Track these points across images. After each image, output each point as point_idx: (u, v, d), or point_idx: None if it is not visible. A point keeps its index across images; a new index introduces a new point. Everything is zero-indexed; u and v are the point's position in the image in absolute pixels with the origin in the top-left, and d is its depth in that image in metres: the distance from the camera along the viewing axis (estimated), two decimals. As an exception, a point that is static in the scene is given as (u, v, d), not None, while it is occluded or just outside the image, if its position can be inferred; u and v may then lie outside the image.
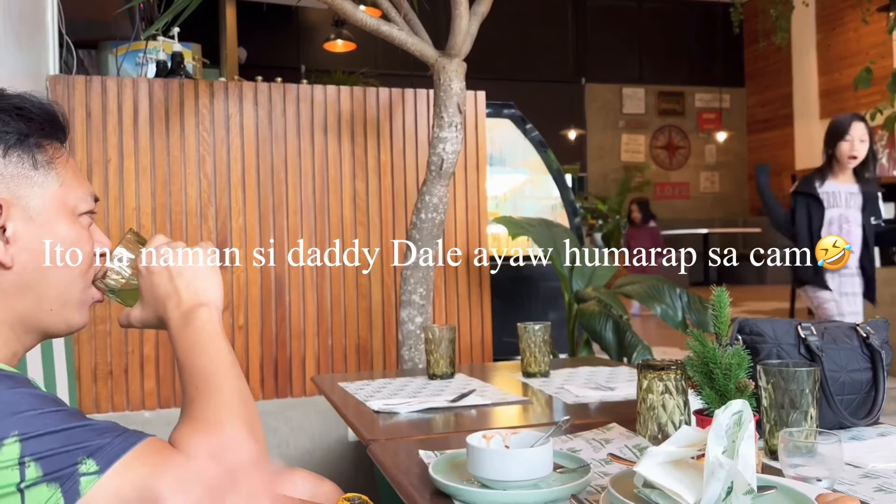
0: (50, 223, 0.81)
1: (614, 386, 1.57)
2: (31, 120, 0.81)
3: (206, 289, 0.85)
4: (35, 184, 0.81)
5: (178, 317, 0.83)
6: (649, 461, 0.78)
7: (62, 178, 0.83)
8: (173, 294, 0.85)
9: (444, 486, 0.91)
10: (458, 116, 2.44)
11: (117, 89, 2.66)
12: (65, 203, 0.83)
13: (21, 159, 0.80)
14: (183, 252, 0.87)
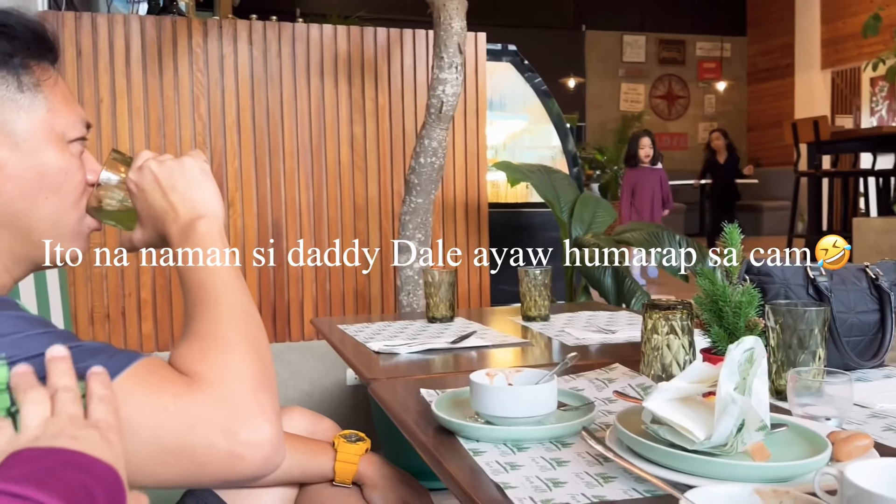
0: (37, 150, 0.76)
1: (615, 329, 1.56)
2: (15, 38, 0.76)
3: (203, 199, 0.81)
4: (21, 108, 0.76)
5: (178, 232, 0.80)
6: (658, 396, 0.77)
7: (50, 102, 0.78)
8: (169, 209, 0.81)
9: (447, 422, 0.90)
10: (458, 57, 2.38)
11: (108, 26, 2.58)
12: (53, 129, 0.78)
13: (5, 81, 0.75)
14: (172, 164, 0.82)
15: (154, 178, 0.82)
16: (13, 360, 0.63)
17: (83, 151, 0.83)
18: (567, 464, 0.80)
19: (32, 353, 0.64)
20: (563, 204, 2.82)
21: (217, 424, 0.65)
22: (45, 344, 0.64)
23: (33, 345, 0.64)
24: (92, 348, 0.67)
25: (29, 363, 0.63)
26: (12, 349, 0.63)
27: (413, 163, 2.46)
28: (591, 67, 10.16)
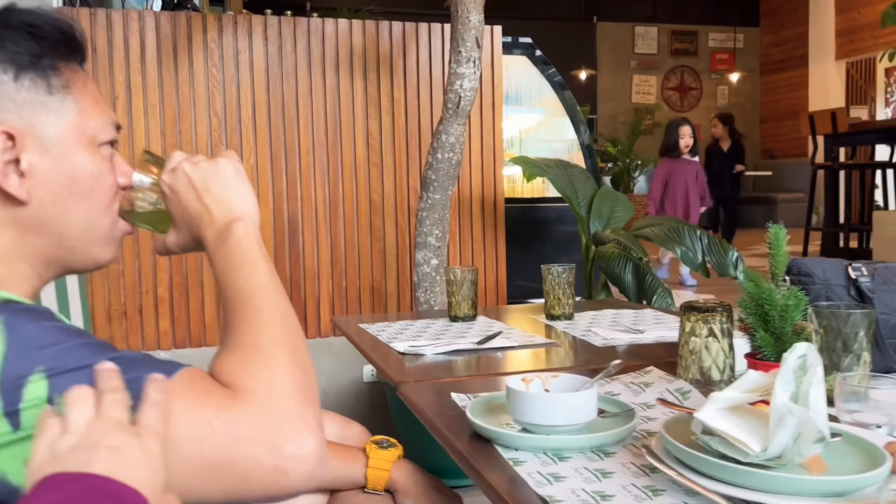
0: (67, 154, 0.74)
1: (643, 328, 1.54)
2: (44, 39, 0.74)
3: (238, 201, 0.79)
4: (50, 111, 0.73)
5: (213, 235, 0.78)
6: (710, 407, 0.74)
7: (80, 104, 0.76)
8: (204, 212, 0.79)
9: (484, 430, 0.88)
10: (476, 51, 2.35)
11: (123, 22, 2.57)
12: (83, 132, 0.76)
13: (34, 83, 0.73)
14: (206, 166, 0.80)
15: (188, 180, 0.79)
16: (53, 374, 0.61)
17: (114, 154, 0.80)
18: (612, 475, 0.78)
19: (72, 366, 0.62)
20: (581, 199, 2.79)
21: (261, 439, 0.63)
22: (85, 355, 0.63)
23: (73, 356, 0.62)
24: (133, 358, 0.65)
25: (69, 375, 0.61)
26: (52, 361, 0.62)
27: (430, 159, 2.43)
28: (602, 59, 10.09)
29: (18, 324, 0.63)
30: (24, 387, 0.60)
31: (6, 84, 0.72)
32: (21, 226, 0.73)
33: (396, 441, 1.10)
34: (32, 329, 0.63)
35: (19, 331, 0.62)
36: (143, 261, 2.62)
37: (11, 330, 0.62)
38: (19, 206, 0.73)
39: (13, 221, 0.73)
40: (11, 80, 0.72)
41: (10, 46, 0.72)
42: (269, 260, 0.78)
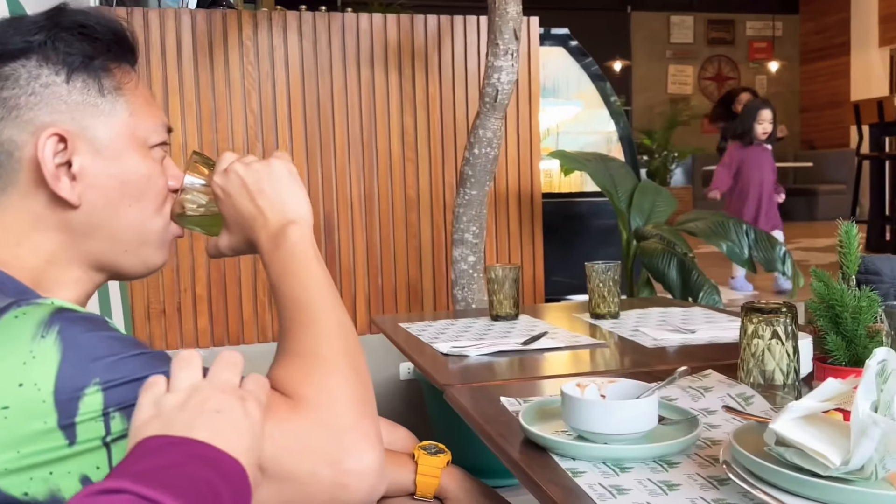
0: (119, 157, 0.73)
1: (694, 328, 1.48)
2: (96, 40, 0.72)
3: (292, 204, 0.77)
4: (102, 112, 0.72)
5: (267, 239, 0.76)
6: (785, 417, 0.70)
7: (132, 106, 0.74)
8: (258, 215, 0.77)
9: (540, 438, 0.84)
10: (514, 43, 2.30)
11: (159, 21, 2.57)
12: (135, 134, 0.74)
13: (86, 85, 0.71)
14: (259, 167, 0.78)
15: (241, 182, 0.78)
16: (107, 386, 0.59)
17: (165, 157, 0.79)
18: (678, 487, 0.73)
19: (128, 378, 0.60)
20: (621, 193, 2.73)
21: (322, 453, 0.62)
22: (140, 366, 0.61)
23: (128, 368, 0.61)
24: None
25: (124, 387, 0.59)
26: (107, 373, 0.60)
27: (467, 154, 2.40)
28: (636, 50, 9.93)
29: (73, 334, 0.61)
30: (80, 399, 0.59)
31: (58, 85, 0.70)
32: (72, 230, 0.72)
33: (444, 447, 1.07)
34: (87, 339, 0.61)
35: (74, 341, 0.60)
36: (181, 259, 2.63)
37: (66, 341, 0.60)
38: (71, 209, 0.71)
39: (64, 225, 0.72)
40: (63, 82, 0.70)
41: (63, 47, 0.70)
42: (323, 263, 0.76)
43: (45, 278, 0.71)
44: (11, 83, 0.69)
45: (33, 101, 0.69)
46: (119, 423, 0.60)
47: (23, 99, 0.69)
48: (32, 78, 0.69)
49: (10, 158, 0.69)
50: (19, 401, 0.58)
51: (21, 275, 0.70)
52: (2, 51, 0.69)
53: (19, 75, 0.69)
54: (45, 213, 0.71)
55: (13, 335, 0.60)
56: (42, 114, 0.69)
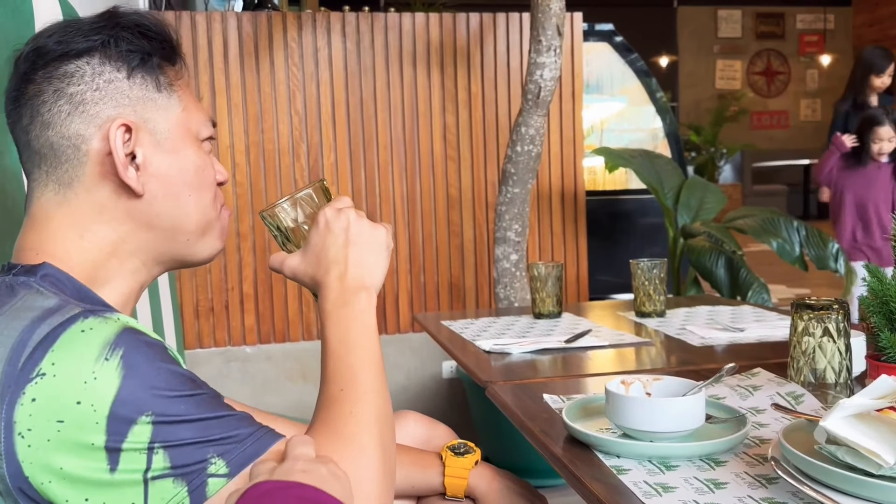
0: (177, 148, 0.76)
1: (742, 326, 1.45)
2: (152, 39, 0.76)
3: (373, 271, 0.80)
4: (160, 106, 0.76)
5: (338, 291, 0.78)
6: (837, 415, 0.68)
7: (184, 101, 0.78)
8: (341, 262, 0.79)
9: (584, 435, 0.83)
10: (556, 40, 2.28)
11: (206, 24, 2.62)
12: (188, 127, 0.78)
13: (145, 81, 0.75)
14: (366, 225, 0.81)
15: (346, 226, 0.80)
16: (158, 421, 0.61)
17: (211, 150, 0.82)
18: (726, 486, 0.72)
19: (179, 418, 0.62)
20: (668, 190, 2.68)
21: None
22: (194, 408, 0.63)
23: (182, 407, 0.63)
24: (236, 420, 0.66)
25: (173, 427, 0.62)
26: (161, 408, 0.62)
27: (509, 151, 2.39)
28: (683, 45, 9.77)
29: (135, 362, 0.63)
30: (130, 428, 0.61)
31: (120, 81, 0.74)
32: (135, 219, 0.75)
33: (474, 445, 1.07)
34: (147, 369, 0.63)
35: (135, 369, 0.62)
36: (228, 258, 2.68)
37: (128, 367, 0.62)
38: (135, 198, 0.74)
39: (128, 215, 0.74)
40: (125, 78, 0.74)
41: (124, 45, 0.74)
42: (378, 336, 0.78)
43: (104, 271, 0.74)
44: (77, 80, 0.72)
45: (98, 96, 0.73)
46: (161, 461, 0.61)
47: (88, 94, 0.72)
48: (97, 74, 0.73)
49: (78, 152, 0.73)
50: (75, 417, 0.60)
51: (82, 269, 0.72)
52: (67, 49, 0.73)
53: (84, 72, 0.73)
54: (109, 203, 0.74)
55: (79, 352, 0.61)
56: (107, 108, 0.73)
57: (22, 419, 0.60)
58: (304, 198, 0.83)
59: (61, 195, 0.73)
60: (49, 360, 0.61)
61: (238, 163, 2.67)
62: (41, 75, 0.73)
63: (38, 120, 0.73)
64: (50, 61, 0.73)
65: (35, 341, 0.62)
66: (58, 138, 0.72)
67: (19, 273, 0.70)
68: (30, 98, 0.73)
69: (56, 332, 0.62)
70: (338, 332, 0.76)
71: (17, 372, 0.60)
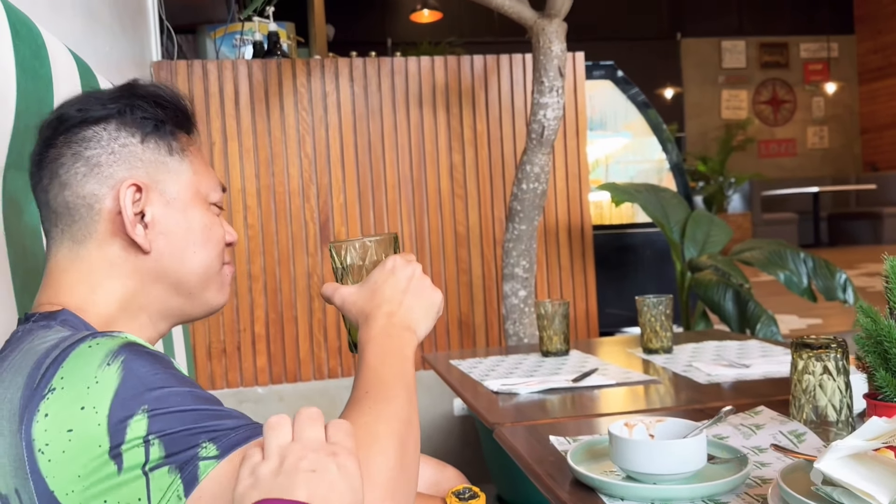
0: (185, 209, 0.81)
1: (749, 363, 1.46)
2: (166, 108, 0.82)
3: (421, 323, 0.84)
4: (171, 170, 0.81)
5: (384, 324, 0.82)
6: (831, 456, 0.69)
7: (195, 166, 0.83)
8: (395, 303, 0.83)
9: (588, 478, 0.85)
10: (559, 80, 2.33)
11: (217, 72, 2.69)
12: (198, 190, 0.83)
13: (158, 146, 0.80)
14: (427, 281, 0.86)
15: (410, 275, 0.84)
16: (153, 413, 0.63)
17: (220, 213, 0.86)
18: (726, 529, 0.73)
19: (174, 408, 0.64)
20: (674, 223, 2.71)
21: None
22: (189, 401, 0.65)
23: (176, 400, 0.65)
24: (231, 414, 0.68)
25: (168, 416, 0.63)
26: (156, 402, 0.64)
27: (515, 189, 2.42)
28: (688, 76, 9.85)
29: (135, 366, 0.65)
30: (128, 425, 0.63)
31: (134, 146, 0.79)
32: (143, 275, 0.79)
33: (479, 490, 1.08)
34: (146, 371, 0.66)
35: (134, 371, 0.65)
36: (240, 299, 2.71)
37: (127, 370, 0.65)
38: (142, 255, 0.78)
39: (135, 270, 0.78)
40: (139, 142, 0.79)
41: (139, 113, 0.79)
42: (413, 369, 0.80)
43: (114, 323, 0.78)
44: (94, 144, 0.78)
45: (113, 159, 0.78)
46: (157, 451, 0.62)
47: (104, 157, 0.77)
48: (112, 139, 0.78)
49: (91, 210, 0.77)
50: (80, 424, 0.62)
51: (94, 320, 0.76)
52: (86, 117, 0.78)
53: (101, 137, 0.78)
54: (118, 259, 0.78)
55: (84, 363, 0.65)
56: (121, 170, 0.78)
57: (39, 435, 0.62)
58: (374, 242, 0.87)
59: (75, 252, 0.77)
60: (59, 375, 0.64)
61: (249, 205, 2.72)
62: (62, 140, 0.78)
63: (57, 181, 0.77)
64: (70, 127, 0.78)
65: (47, 363, 0.65)
66: (73, 198, 0.77)
67: (38, 320, 0.74)
68: (50, 161, 0.78)
69: (66, 352, 0.66)
70: (378, 351, 0.79)
71: (32, 392, 0.64)
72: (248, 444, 0.64)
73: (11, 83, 0.95)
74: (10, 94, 0.93)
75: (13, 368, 0.67)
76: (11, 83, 0.95)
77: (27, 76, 0.99)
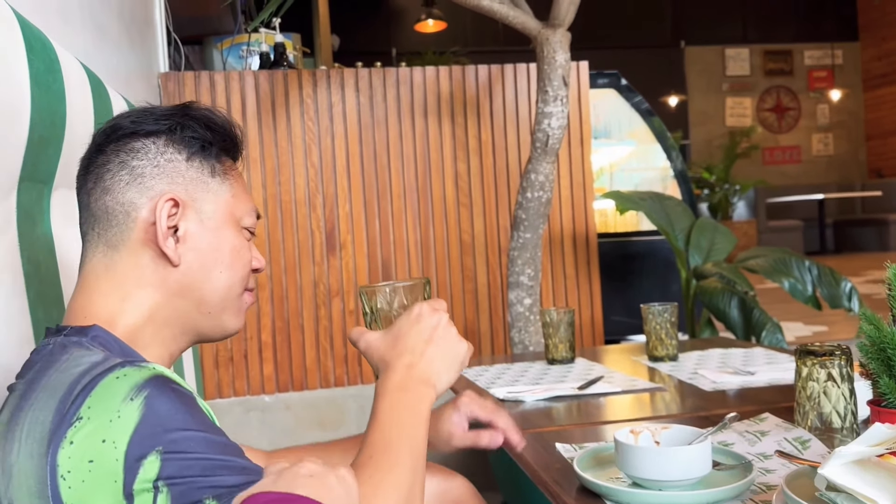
0: (218, 229, 0.83)
1: (753, 370, 1.47)
2: (215, 131, 0.84)
3: (442, 376, 0.84)
4: (210, 190, 0.83)
5: (402, 376, 0.82)
6: (835, 462, 0.70)
7: (234, 189, 0.85)
8: (416, 353, 0.83)
9: (594, 485, 0.86)
10: (563, 90, 2.35)
11: (225, 83, 2.72)
12: (233, 213, 0.84)
13: (202, 166, 0.83)
14: (453, 334, 0.86)
15: (435, 325, 0.85)
16: (167, 455, 0.64)
17: (251, 239, 0.88)
18: (732, 534, 0.74)
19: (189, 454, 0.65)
20: (679, 231, 2.71)
21: None
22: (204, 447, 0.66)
23: (192, 444, 0.66)
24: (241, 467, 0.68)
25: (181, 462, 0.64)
26: (171, 444, 0.65)
27: (520, 198, 2.43)
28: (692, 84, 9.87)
29: (157, 403, 0.66)
30: (141, 467, 0.63)
31: (179, 162, 0.81)
32: (168, 287, 0.80)
33: None
34: (167, 410, 0.66)
35: (155, 409, 0.66)
36: (247, 308, 2.73)
37: (149, 407, 0.66)
38: (171, 268, 0.80)
39: (162, 282, 0.80)
40: (184, 160, 0.82)
41: (189, 133, 0.82)
42: (427, 433, 0.80)
43: (142, 336, 0.79)
44: (142, 155, 0.80)
45: (157, 172, 0.80)
46: (164, 499, 0.63)
47: (148, 169, 0.80)
48: (159, 153, 0.81)
49: (128, 218, 0.80)
50: (100, 456, 0.63)
51: (125, 332, 0.78)
52: (138, 129, 0.81)
53: (149, 150, 0.81)
54: (147, 270, 0.80)
55: (110, 395, 0.66)
56: (162, 183, 0.80)
57: (63, 462, 0.64)
58: (404, 288, 0.88)
59: (108, 257, 0.80)
60: (87, 405, 0.65)
61: (256, 215, 2.74)
62: (112, 148, 0.81)
63: (101, 185, 0.81)
64: (121, 136, 0.81)
65: (78, 390, 0.66)
66: (113, 203, 0.80)
67: (70, 334, 0.75)
68: (98, 166, 0.81)
69: (95, 381, 0.67)
70: (387, 409, 0.79)
71: (62, 418, 0.65)
72: None
73: (26, 97, 0.96)
74: (24, 107, 0.95)
75: (48, 390, 0.68)
76: (26, 97, 0.96)
77: (41, 90, 1.01)
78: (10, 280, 0.91)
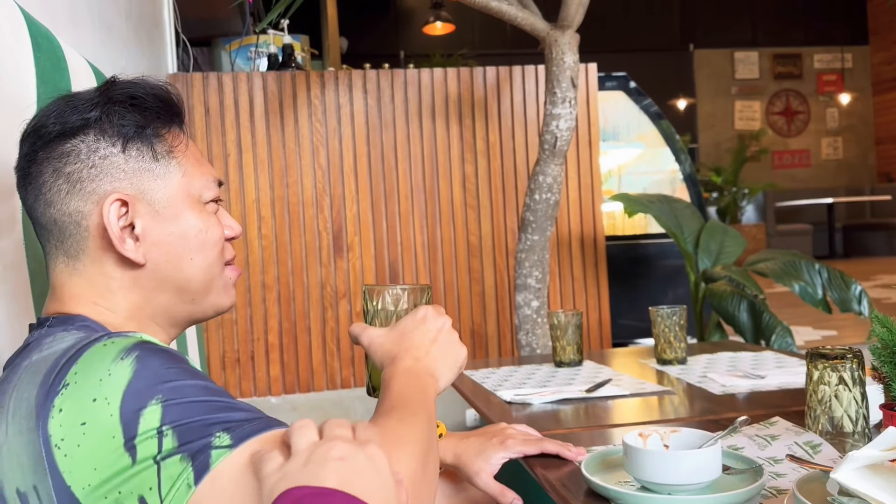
0: (177, 215, 0.78)
1: (764, 374, 1.45)
2: (146, 109, 0.77)
3: (444, 374, 0.84)
4: (157, 176, 0.77)
5: (411, 365, 0.81)
6: (847, 467, 0.69)
7: (184, 167, 0.79)
8: (421, 350, 0.83)
9: (602, 489, 0.85)
10: (571, 91, 2.34)
11: (233, 84, 2.72)
12: (189, 193, 0.79)
13: (141, 152, 0.76)
14: (455, 336, 0.86)
15: (440, 327, 0.85)
16: (168, 403, 0.63)
17: (218, 209, 0.83)
18: (742, 539, 0.73)
19: (188, 399, 0.64)
20: (688, 234, 2.70)
21: None
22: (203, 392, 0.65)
23: (191, 391, 0.65)
24: (245, 407, 0.67)
25: (182, 407, 0.63)
26: (170, 392, 0.64)
27: (528, 200, 2.43)
28: (701, 87, 9.84)
29: (149, 360, 0.65)
30: (142, 413, 0.62)
31: (115, 156, 0.75)
32: (143, 287, 0.77)
33: None
34: (160, 365, 0.65)
35: (147, 365, 0.65)
36: (254, 309, 2.73)
37: (141, 363, 0.65)
38: (138, 268, 0.77)
39: (135, 283, 0.77)
40: (120, 152, 0.75)
41: (116, 119, 0.75)
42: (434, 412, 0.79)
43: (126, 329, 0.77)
44: (73, 159, 0.74)
45: (94, 173, 0.74)
46: (170, 441, 0.62)
47: (84, 172, 0.74)
48: (92, 152, 0.74)
49: (79, 227, 0.75)
50: (93, 416, 0.62)
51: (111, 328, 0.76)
52: (63, 129, 0.74)
53: (80, 151, 0.74)
54: (115, 275, 0.76)
55: (98, 359, 0.65)
56: (103, 184, 0.74)
57: (55, 431, 0.63)
58: (407, 291, 0.88)
59: (71, 266, 0.76)
60: (73, 371, 0.64)
61: (264, 216, 2.74)
62: (41, 156, 0.75)
63: (42, 199, 0.75)
64: (48, 142, 0.75)
65: (63, 361, 0.65)
66: (59, 215, 0.75)
67: (54, 324, 0.73)
68: (33, 178, 0.76)
69: (81, 350, 0.66)
70: (400, 385, 0.78)
71: (48, 390, 0.64)
72: (262, 435, 0.63)
73: (32, 95, 0.96)
74: (30, 105, 0.95)
75: (31, 370, 0.67)
76: (32, 95, 0.96)
77: (47, 88, 1.00)
78: (15, 278, 0.91)
